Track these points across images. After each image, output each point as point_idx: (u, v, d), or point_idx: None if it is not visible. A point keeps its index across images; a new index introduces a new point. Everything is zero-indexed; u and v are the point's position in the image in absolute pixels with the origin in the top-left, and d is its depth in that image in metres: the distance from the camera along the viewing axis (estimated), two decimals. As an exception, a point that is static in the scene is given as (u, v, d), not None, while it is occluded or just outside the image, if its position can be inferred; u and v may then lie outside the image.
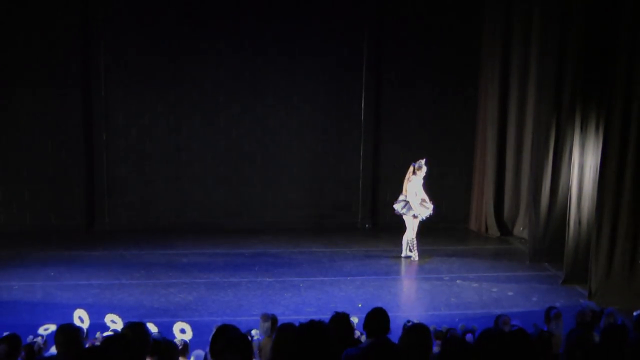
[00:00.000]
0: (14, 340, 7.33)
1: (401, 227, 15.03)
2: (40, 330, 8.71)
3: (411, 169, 14.71)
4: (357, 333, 8.54)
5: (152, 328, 8.53)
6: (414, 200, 14.65)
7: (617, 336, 6.68)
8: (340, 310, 7.65)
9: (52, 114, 16.76)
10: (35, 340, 8.23)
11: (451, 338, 6.97)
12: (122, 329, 6.94)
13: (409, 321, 8.31)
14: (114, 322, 8.82)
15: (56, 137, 16.88)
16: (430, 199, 14.90)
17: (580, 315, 8.66)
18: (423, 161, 14.69)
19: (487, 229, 17.53)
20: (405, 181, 14.74)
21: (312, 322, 5.49)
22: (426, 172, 14.73)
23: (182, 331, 8.71)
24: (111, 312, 9.68)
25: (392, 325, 7.07)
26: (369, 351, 5.12)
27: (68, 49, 16.67)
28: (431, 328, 8.68)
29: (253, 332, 8.61)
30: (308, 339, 5.29)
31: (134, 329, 6.55)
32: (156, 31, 16.94)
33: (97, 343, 7.94)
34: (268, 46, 17.19)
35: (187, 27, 16.96)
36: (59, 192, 17.04)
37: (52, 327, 8.51)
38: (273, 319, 8.70)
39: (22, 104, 16.59)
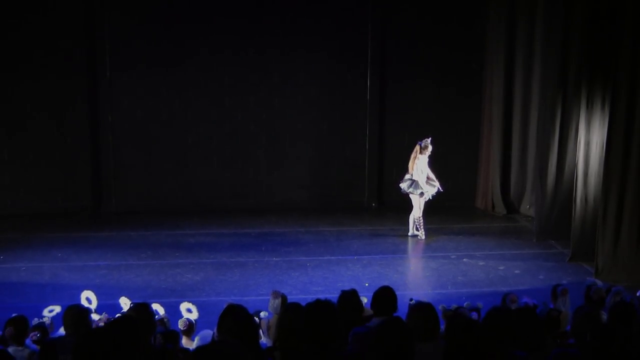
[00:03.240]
0: (20, 323, 7.35)
1: (407, 206, 15.02)
2: (45, 312, 8.74)
3: (417, 147, 14.69)
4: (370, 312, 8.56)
5: (159, 309, 8.58)
6: (421, 179, 14.64)
7: (625, 314, 6.68)
8: (347, 289, 7.68)
9: (58, 96, 16.74)
10: (42, 320, 8.26)
11: (456, 316, 6.99)
12: (127, 311, 6.97)
13: (411, 299, 8.32)
14: (126, 304, 8.86)
15: (62, 119, 16.87)
16: (437, 178, 14.88)
17: (596, 293, 8.64)
18: (429, 140, 14.68)
19: (493, 207, 17.51)
20: (412, 160, 14.72)
21: (318, 301, 5.51)
22: (431, 151, 14.72)
23: (189, 311, 8.75)
24: (119, 293, 9.73)
25: (399, 303, 7.08)
26: (379, 330, 5.12)
27: (73, 32, 16.64)
28: (440, 307, 8.71)
29: (262, 313, 8.63)
30: (315, 318, 5.30)
31: (139, 310, 6.58)
32: (161, 14, 16.90)
33: (101, 324, 7.98)
34: (273, 27, 17.12)
35: (192, 9, 16.89)
36: (65, 174, 17.05)
37: (57, 309, 8.56)
38: (283, 296, 8.72)
39: (27, 87, 16.56)
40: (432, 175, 14.84)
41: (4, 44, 16.35)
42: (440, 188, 14.82)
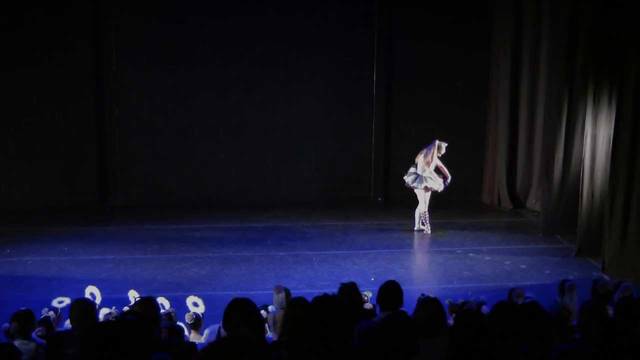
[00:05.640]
0: (26, 316, 7.35)
1: (413, 201, 15.01)
2: (54, 303, 8.77)
3: (435, 150, 14.64)
4: (370, 305, 8.57)
5: (165, 302, 8.59)
6: (425, 173, 14.59)
7: (631, 309, 6.66)
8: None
9: (64, 91, 16.76)
10: (48, 314, 8.28)
11: (465, 311, 6.98)
12: (133, 305, 6.97)
13: (422, 295, 8.31)
14: (134, 298, 8.88)
15: (68, 114, 16.90)
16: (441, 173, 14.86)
17: (603, 287, 8.61)
18: (444, 144, 14.69)
19: (499, 201, 17.49)
20: (434, 158, 14.62)
21: (324, 296, 5.51)
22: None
23: (195, 305, 8.76)
24: (125, 287, 9.73)
25: (405, 298, 7.08)
26: (384, 325, 5.12)
27: (79, 27, 16.66)
28: (446, 302, 8.71)
29: (270, 307, 8.64)
30: (320, 313, 5.30)
31: (144, 304, 6.58)
32: (167, 8, 16.90)
33: (112, 318, 8.00)
34: (279, 21, 17.12)
35: (198, 4, 16.90)
36: (71, 168, 17.09)
37: (67, 300, 8.58)
38: (286, 290, 8.73)
39: (33, 82, 16.58)
40: (445, 171, 14.79)
41: (11, 38, 16.37)
42: (443, 185, 14.75)
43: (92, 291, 9.14)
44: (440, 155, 14.73)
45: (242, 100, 17.41)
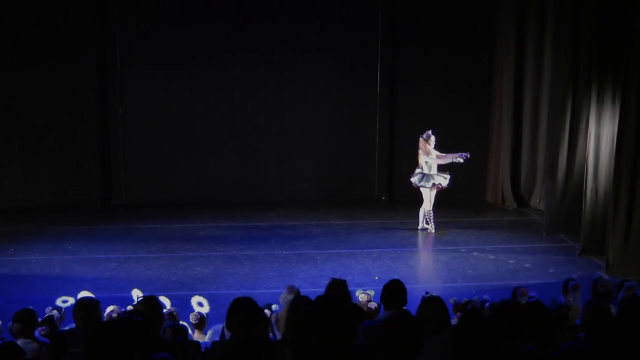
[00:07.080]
0: (28, 316, 7.35)
1: (418, 199, 15.00)
2: (58, 302, 8.76)
3: (422, 140, 14.58)
4: (374, 304, 8.57)
5: (166, 301, 8.59)
6: (432, 171, 14.56)
7: (634, 308, 6.65)
8: (357, 282, 7.69)
9: (68, 89, 16.77)
10: (52, 313, 8.28)
11: (470, 310, 6.98)
12: (136, 304, 6.98)
13: (427, 293, 8.32)
14: (138, 297, 8.87)
15: (72, 112, 16.91)
16: (447, 171, 14.80)
17: (603, 285, 8.60)
18: (429, 132, 14.65)
19: (503, 200, 17.47)
20: (431, 151, 14.60)
21: (327, 295, 5.51)
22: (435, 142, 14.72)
23: (200, 304, 8.75)
24: (129, 286, 9.72)
25: (409, 297, 7.08)
26: (388, 323, 5.12)
27: (83, 25, 16.66)
28: (451, 300, 8.71)
29: (273, 306, 8.64)
30: (324, 311, 5.30)
31: (147, 303, 6.59)
32: (171, 7, 16.90)
33: (114, 315, 8.01)
34: (282, 18, 17.11)
35: (202, 4, 16.89)
36: (76, 167, 17.09)
37: (71, 300, 8.58)
38: (297, 293, 8.71)
39: (38, 80, 16.57)
40: (452, 155, 14.69)
41: (15, 39, 16.36)
42: (462, 158, 14.60)
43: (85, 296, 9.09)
44: (433, 146, 14.66)
45: (246, 99, 17.40)
